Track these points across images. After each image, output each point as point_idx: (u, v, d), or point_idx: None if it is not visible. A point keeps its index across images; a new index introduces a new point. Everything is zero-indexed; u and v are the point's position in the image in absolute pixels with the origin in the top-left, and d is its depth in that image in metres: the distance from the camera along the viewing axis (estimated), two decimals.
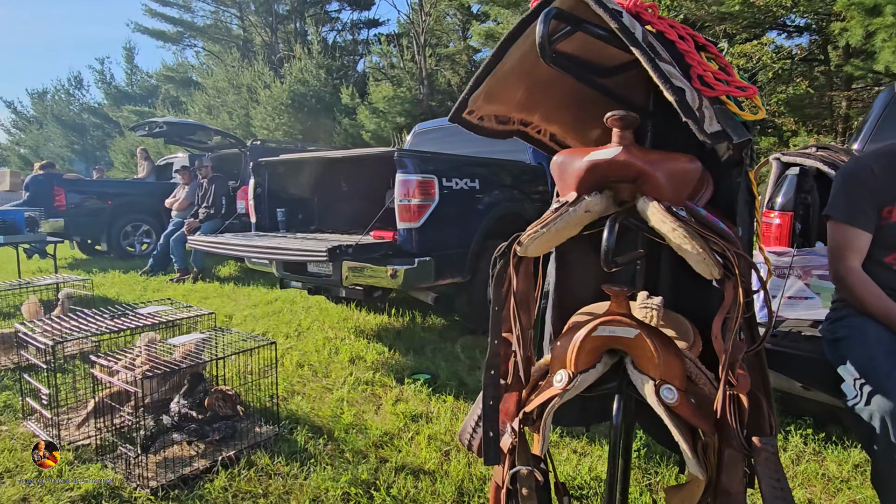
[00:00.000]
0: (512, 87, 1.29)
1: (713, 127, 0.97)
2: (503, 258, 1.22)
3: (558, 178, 1.12)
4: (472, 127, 1.37)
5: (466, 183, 3.62)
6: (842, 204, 1.49)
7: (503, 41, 1.15)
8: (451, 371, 3.19)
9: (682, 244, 0.97)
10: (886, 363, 1.26)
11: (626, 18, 1.00)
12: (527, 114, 1.43)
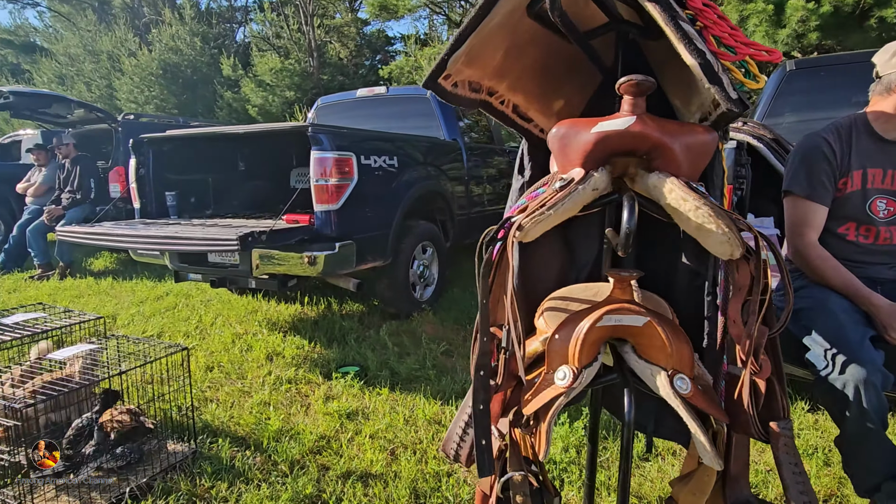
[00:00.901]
0: (493, 48, 1.14)
1: (734, 94, 0.89)
2: (490, 244, 1.07)
3: (559, 151, 0.99)
4: (445, 94, 1.19)
5: (385, 161, 3.41)
6: (802, 179, 1.52)
7: None
8: (381, 360, 3.01)
9: (704, 223, 0.89)
10: (855, 332, 1.30)
11: None
12: (497, 81, 1.28)
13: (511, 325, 1.02)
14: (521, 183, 1.52)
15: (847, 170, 1.52)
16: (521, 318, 1.58)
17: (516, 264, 1.00)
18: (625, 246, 0.90)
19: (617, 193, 1.01)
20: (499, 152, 5.26)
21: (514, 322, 1.02)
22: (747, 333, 0.92)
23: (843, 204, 1.52)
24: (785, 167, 1.61)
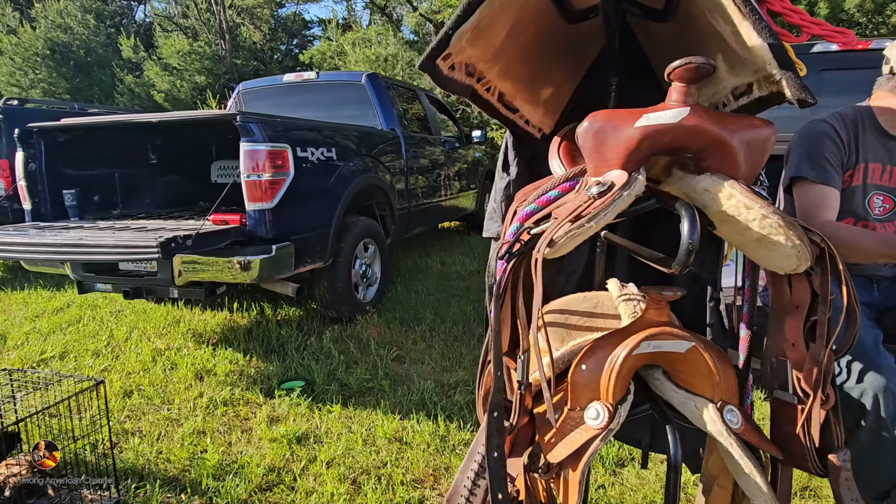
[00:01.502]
0: (502, 23, 0.95)
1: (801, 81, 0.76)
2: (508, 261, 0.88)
3: (593, 149, 0.82)
4: (440, 78, 0.99)
5: (323, 153, 3.12)
6: (813, 164, 1.44)
7: None
8: (327, 372, 2.76)
9: (771, 234, 0.75)
10: (868, 336, 1.25)
11: None
12: (490, 64, 1.10)
13: (538, 357, 0.84)
14: (507, 181, 1.34)
15: (854, 162, 1.47)
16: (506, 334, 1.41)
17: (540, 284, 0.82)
18: (685, 264, 0.75)
19: (653, 198, 0.86)
20: (436, 142, 5.07)
21: (543, 354, 0.85)
22: (814, 359, 0.80)
23: (846, 198, 1.48)
24: (786, 156, 1.54)
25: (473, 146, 6.05)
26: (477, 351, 3.02)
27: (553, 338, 1.13)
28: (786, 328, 0.84)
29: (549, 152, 1.18)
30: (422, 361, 2.92)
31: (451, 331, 3.34)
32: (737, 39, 0.80)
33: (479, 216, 6.35)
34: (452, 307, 3.76)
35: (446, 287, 4.27)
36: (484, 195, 6.43)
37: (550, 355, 0.87)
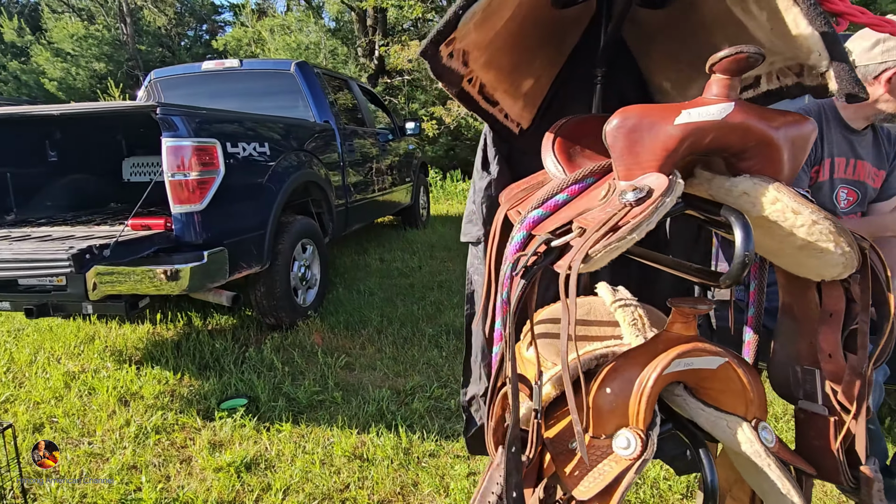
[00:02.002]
0: (506, 7, 0.83)
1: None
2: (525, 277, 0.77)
3: (626, 149, 0.72)
4: (438, 66, 0.86)
5: (255, 148, 2.87)
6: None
7: None
8: (272, 387, 2.55)
9: (819, 241, 0.69)
10: None
11: None
12: (480, 53, 0.97)
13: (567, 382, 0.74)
14: (489, 181, 1.24)
15: (820, 158, 1.49)
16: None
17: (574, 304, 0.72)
18: (737, 279, 0.67)
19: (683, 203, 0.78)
20: (371, 135, 4.88)
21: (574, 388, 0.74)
22: (856, 372, 0.75)
23: (814, 194, 1.50)
24: None
25: (407, 138, 5.90)
26: (430, 353, 2.91)
27: (548, 351, 1.05)
28: (820, 338, 0.79)
29: (541, 149, 1.08)
30: (373, 367, 2.77)
31: (399, 332, 3.20)
32: (774, 27, 0.73)
33: (415, 210, 6.22)
34: (398, 307, 3.63)
35: (389, 286, 4.12)
36: (419, 188, 6.30)
37: (578, 374, 0.77)
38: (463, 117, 9.07)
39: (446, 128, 9.27)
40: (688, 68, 1.10)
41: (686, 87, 1.14)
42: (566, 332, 0.73)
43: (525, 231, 0.90)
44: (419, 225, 6.32)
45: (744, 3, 0.77)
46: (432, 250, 5.27)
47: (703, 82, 1.10)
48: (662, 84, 1.21)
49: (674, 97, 1.20)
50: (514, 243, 0.91)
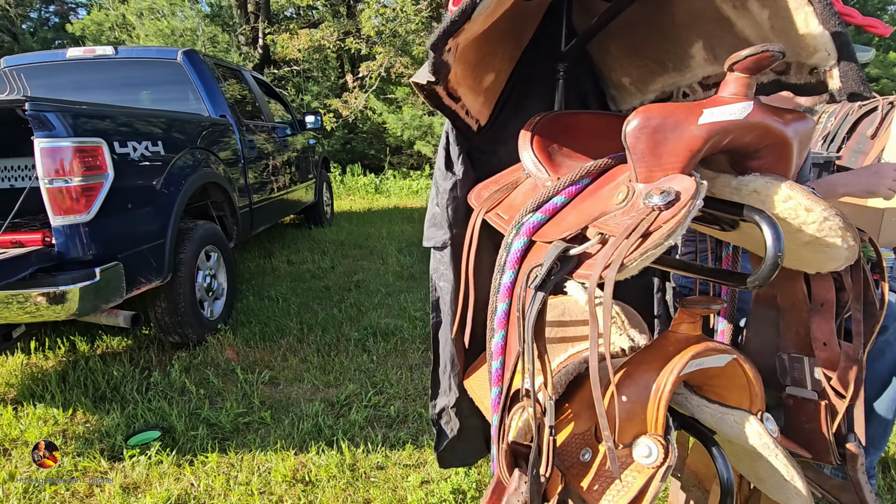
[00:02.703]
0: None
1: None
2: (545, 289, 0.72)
3: (648, 150, 0.69)
4: (439, 60, 0.77)
5: (148, 147, 2.54)
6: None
7: None
8: (188, 413, 2.29)
9: (828, 237, 0.71)
10: None
11: None
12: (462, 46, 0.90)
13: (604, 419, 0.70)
14: (454, 182, 1.17)
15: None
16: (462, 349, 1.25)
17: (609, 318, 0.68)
18: (768, 280, 0.67)
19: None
20: (270, 129, 4.57)
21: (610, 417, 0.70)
22: (853, 359, 0.79)
23: None
24: None
25: (308, 132, 5.62)
26: (359, 358, 2.79)
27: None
28: (814, 328, 0.82)
29: (519, 147, 1.03)
30: (300, 380, 2.60)
31: (322, 339, 3.03)
32: (775, 25, 0.73)
33: (319, 208, 5.96)
34: (317, 312, 3.44)
35: (303, 290, 3.90)
36: (322, 185, 6.04)
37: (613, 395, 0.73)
38: (361, 110, 8.84)
39: (343, 121, 8.98)
40: (652, 64, 1.10)
41: (648, 83, 1.14)
42: (595, 348, 0.68)
43: (525, 237, 0.84)
44: (324, 223, 6.07)
45: (741, 1, 0.76)
46: (343, 249, 5.08)
47: (667, 79, 1.12)
48: (621, 80, 1.21)
49: (633, 93, 1.21)
50: (513, 251, 0.85)
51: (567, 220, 0.80)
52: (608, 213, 0.73)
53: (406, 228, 5.99)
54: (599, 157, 1.03)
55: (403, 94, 9.35)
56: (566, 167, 0.99)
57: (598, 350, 0.91)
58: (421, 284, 3.97)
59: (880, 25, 0.71)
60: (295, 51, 8.55)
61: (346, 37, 8.66)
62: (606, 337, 0.68)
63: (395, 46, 8.20)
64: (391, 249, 4.96)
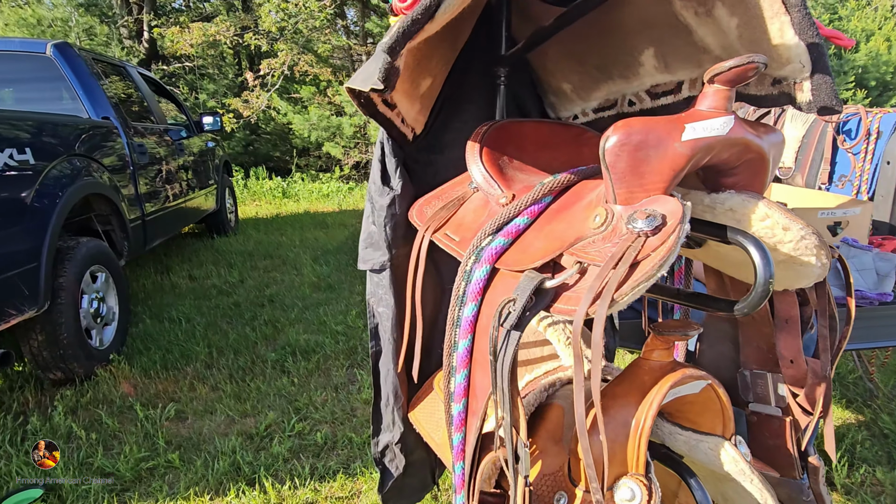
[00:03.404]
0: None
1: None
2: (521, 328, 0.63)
3: (628, 170, 0.62)
4: (393, 66, 0.65)
5: (13, 156, 2.18)
6: None
7: None
8: (77, 463, 1.98)
9: (803, 255, 0.68)
10: None
11: None
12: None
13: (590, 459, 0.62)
14: (392, 197, 1.06)
15: None
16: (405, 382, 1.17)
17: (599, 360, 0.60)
18: (758, 306, 0.62)
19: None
20: (163, 132, 4.16)
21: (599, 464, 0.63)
22: (820, 375, 0.77)
23: None
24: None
25: (206, 134, 5.20)
26: (279, 381, 2.58)
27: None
28: (780, 345, 0.80)
29: (467, 160, 0.94)
30: (212, 412, 2.35)
31: (235, 363, 2.78)
32: (744, 34, 0.70)
33: (222, 215, 5.55)
34: (227, 332, 3.16)
35: (209, 308, 3.58)
36: (224, 190, 5.63)
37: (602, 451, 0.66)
38: (263, 110, 8.37)
39: (245, 121, 8.45)
40: (595, 71, 1.05)
41: (591, 90, 1.10)
42: (582, 394, 0.61)
43: (488, 265, 0.75)
44: (229, 231, 5.66)
45: (705, 7, 0.72)
46: (251, 260, 4.75)
47: (611, 87, 1.07)
48: (561, 86, 1.16)
49: (574, 101, 1.16)
50: (474, 281, 0.76)
51: (534, 245, 0.72)
52: (585, 239, 0.66)
53: (319, 235, 5.73)
54: (549, 169, 0.97)
55: (309, 93, 8.98)
56: (518, 181, 0.92)
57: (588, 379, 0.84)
58: (340, 295, 3.78)
59: (843, 38, 0.69)
60: (187, 46, 7.91)
61: (245, 32, 8.17)
62: (596, 382, 0.60)
63: (299, 43, 7.84)
64: (305, 258, 4.71)
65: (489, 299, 0.75)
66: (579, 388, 0.61)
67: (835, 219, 1.80)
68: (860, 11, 12.37)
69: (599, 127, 1.15)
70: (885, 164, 2.20)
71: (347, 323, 3.27)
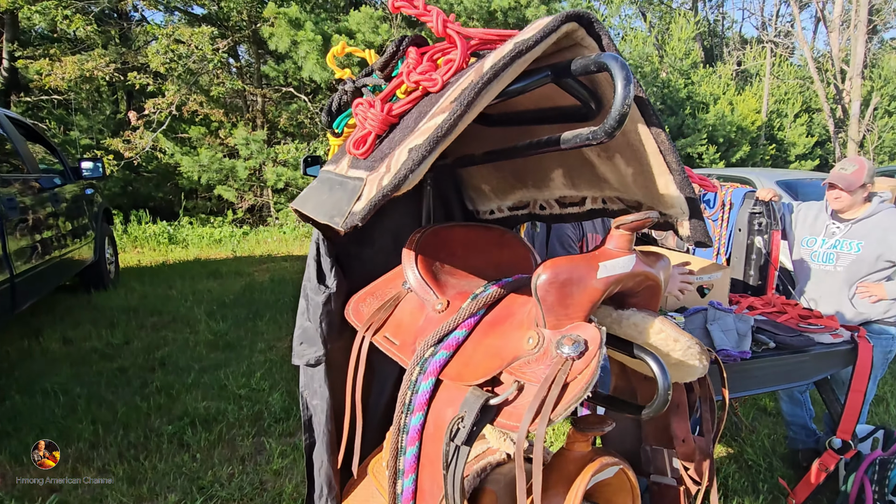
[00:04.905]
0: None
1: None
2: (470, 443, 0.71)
3: (556, 303, 0.73)
4: (355, 224, 0.71)
5: None
6: (563, 244, 1.70)
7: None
8: None
9: (689, 360, 0.83)
10: None
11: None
12: None
13: None
14: (328, 295, 1.11)
15: (582, 234, 1.81)
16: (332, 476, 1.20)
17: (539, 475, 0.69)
18: (660, 411, 0.75)
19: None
20: (35, 181, 3.79)
21: None
22: (706, 453, 0.93)
23: None
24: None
25: (84, 181, 4.80)
26: (178, 457, 2.41)
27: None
28: (674, 427, 0.95)
29: (403, 266, 1.02)
30: (101, 500, 2.14)
31: (125, 439, 2.55)
32: (636, 181, 0.85)
33: (101, 267, 5.09)
34: (114, 404, 2.89)
35: (89, 375, 3.25)
36: (103, 240, 5.19)
37: None
38: (147, 150, 7.85)
39: (127, 162, 7.87)
40: (512, 178, 1.19)
41: (507, 193, 1.23)
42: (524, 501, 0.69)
43: (433, 378, 0.83)
44: (108, 284, 5.19)
45: (607, 154, 0.87)
46: (137, 317, 4.38)
47: (525, 193, 1.22)
48: (481, 186, 1.28)
49: (492, 199, 1.28)
50: (421, 392, 0.83)
51: (475, 360, 0.81)
52: (521, 358, 0.76)
53: (213, 286, 5.44)
54: (477, 271, 1.08)
55: (199, 133, 8.61)
56: (451, 286, 1.01)
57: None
58: (241, 355, 3.62)
59: (709, 184, 0.87)
60: (59, 80, 7.28)
61: (127, 68, 7.70)
62: (537, 490, 0.69)
63: (189, 84, 7.53)
64: (199, 313, 4.44)
65: (434, 409, 0.82)
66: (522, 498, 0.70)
67: (702, 283, 2.09)
68: (708, 78, 14.40)
69: (514, 222, 1.30)
70: (738, 231, 2.60)
71: (251, 385, 3.14)
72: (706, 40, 20.69)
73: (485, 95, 0.67)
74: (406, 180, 0.66)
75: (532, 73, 0.74)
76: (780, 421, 2.75)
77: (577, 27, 0.70)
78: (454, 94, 0.70)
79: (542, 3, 7.95)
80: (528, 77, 0.73)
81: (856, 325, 2.26)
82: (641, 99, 0.74)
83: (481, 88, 0.66)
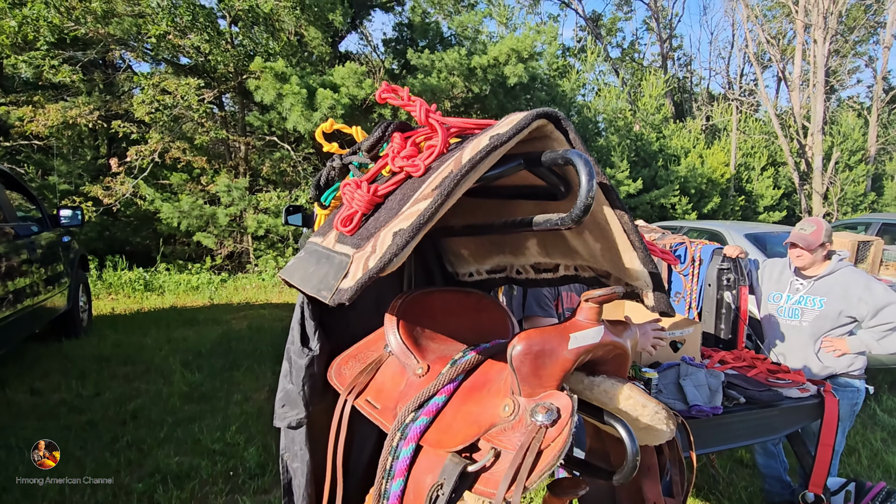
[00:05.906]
0: None
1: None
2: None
3: (530, 373, 0.78)
4: (343, 302, 0.76)
5: None
6: (540, 302, 1.74)
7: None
8: None
9: (657, 424, 0.88)
10: None
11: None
12: None
13: None
14: (311, 358, 1.14)
15: (558, 292, 1.87)
16: None
17: None
18: (630, 476, 0.79)
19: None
20: (12, 230, 3.76)
21: None
22: None
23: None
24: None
25: (62, 229, 4.77)
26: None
27: None
28: (646, 489, 0.99)
29: (385, 331, 1.06)
30: None
31: (93, 498, 2.47)
32: (604, 255, 0.92)
33: (73, 315, 4.99)
34: (81, 459, 2.80)
35: (57, 430, 3.15)
36: (77, 288, 5.10)
37: None
38: (127, 196, 7.83)
39: (105, 208, 7.83)
40: (489, 244, 1.26)
41: (485, 258, 1.29)
42: None
43: (413, 444, 0.86)
44: (80, 333, 5.07)
45: (578, 230, 0.94)
46: (109, 367, 4.28)
47: (502, 258, 1.28)
48: (460, 250, 1.34)
49: (470, 263, 1.34)
50: (401, 458, 0.86)
51: (454, 427, 0.84)
52: (497, 426, 0.80)
53: (189, 334, 5.35)
54: (456, 335, 1.12)
55: (180, 179, 8.63)
56: (431, 350, 1.05)
57: None
58: (216, 407, 3.54)
59: (670, 256, 0.94)
60: (41, 127, 7.30)
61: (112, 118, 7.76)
62: None
63: (173, 132, 7.61)
64: (174, 363, 4.36)
65: (414, 475, 0.85)
66: None
67: (675, 338, 2.16)
68: (678, 132, 15.03)
69: (492, 285, 1.36)
70: (708, 286, 2.71)
71: (226, 440, 3.07)
72: (676, 96, 21.72)
73: (464, 185, 0.74)
74: (391, 263, 0.72)
75: (507, 161, 0.81)
76: (757, 473, 2.78)
77: (546, 122, 0.78)
78: (436, 182, 0.77)
79: (520, 62, 8.32)
80: (504, 164, 0.81)
81: (822, 378, 2.34)
82: (605, 185, 0.82)
83: (460, 179, 0.72)
